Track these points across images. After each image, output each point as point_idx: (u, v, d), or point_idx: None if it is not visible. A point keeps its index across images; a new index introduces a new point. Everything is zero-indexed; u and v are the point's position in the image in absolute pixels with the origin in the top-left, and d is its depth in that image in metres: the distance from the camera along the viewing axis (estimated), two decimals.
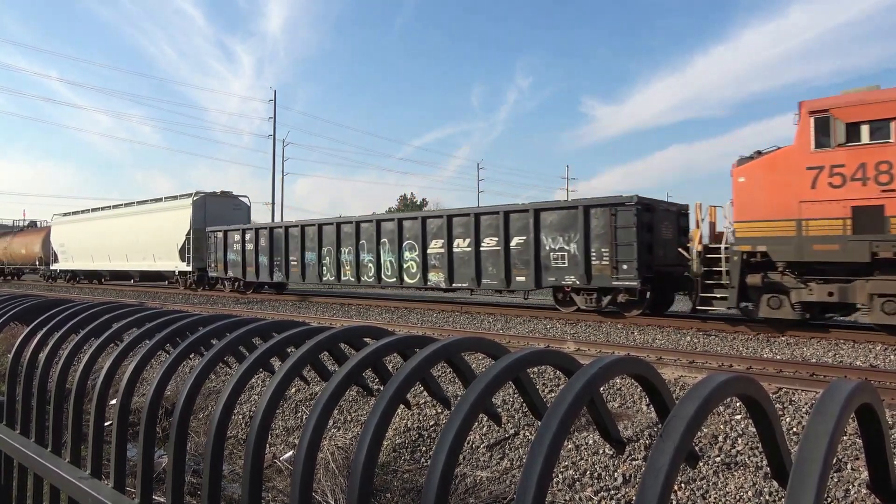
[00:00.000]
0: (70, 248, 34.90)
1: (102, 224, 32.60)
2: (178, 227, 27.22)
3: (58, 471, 1.73)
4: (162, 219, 28.55)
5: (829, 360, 9.11)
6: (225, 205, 28.13)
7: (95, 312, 2.22)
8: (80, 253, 34.14)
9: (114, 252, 31.27)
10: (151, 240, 28.68)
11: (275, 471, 5.97)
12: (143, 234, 29.13)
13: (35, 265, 39.40)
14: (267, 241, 22.73)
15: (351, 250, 19.82)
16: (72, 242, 34.78)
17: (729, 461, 5.24)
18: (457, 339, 1.27)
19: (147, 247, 28.93)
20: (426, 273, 17.57)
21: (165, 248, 28.01)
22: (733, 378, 0.90)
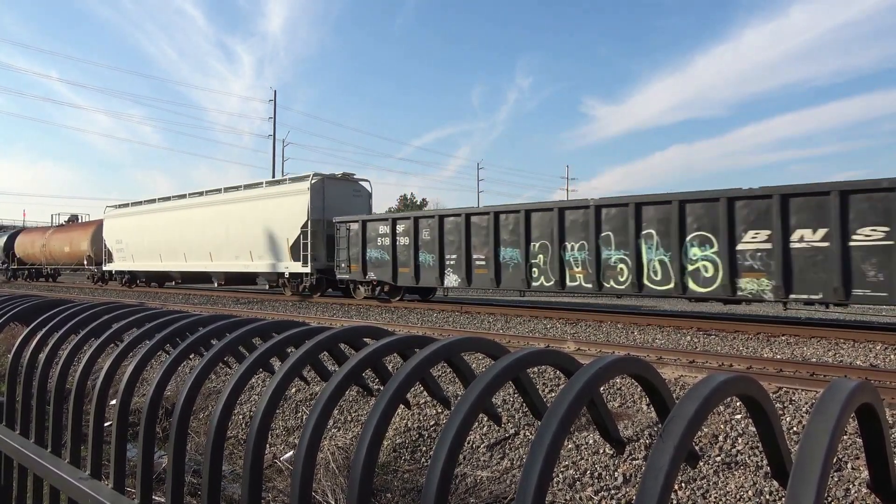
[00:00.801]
0: (130, 245, 29.53)
1: (177, 216, 26.90)
2: (292, 217, 21.29)
3: (57, 471, 1.73)
4: (268, 208, 22.49)
5: (829, 359, 9.11)
6: (344, 190, 22.09)
7: (95, 313, 2.22)
8: (143, 251, 28.75)
9: (193, 250, 25.82)
10: (250, 234, 22.84)
11: (275, 471, 5.97)
12: (239, 227, 23.39)
13: (83, 265, 34.05)
14: (434, 234, 17.12)
15: (584, 245, 14.17)
16: (132, 238, 29.35)
17: (729, 461, 5.24)
18: (457, 339, 1.27)
19: (243, 243, 23.19)
20: (735, 278, 11.92)
21: (271, 244, 22.25)
22: (733, 378, 0.90)
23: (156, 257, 27.97)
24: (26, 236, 40.41)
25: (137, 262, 29.30)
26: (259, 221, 22.68)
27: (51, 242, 36.78)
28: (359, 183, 22.92)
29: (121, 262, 30.43)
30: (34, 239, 38.75)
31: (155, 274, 29.62)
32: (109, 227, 31.37)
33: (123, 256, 30.18)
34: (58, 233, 37.31)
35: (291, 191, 21.83)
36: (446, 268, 17.00)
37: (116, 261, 30.74)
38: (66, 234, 36.09)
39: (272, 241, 22.19)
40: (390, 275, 18.26)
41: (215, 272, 25.29)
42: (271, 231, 22.18)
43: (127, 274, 30.54)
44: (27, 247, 39.23)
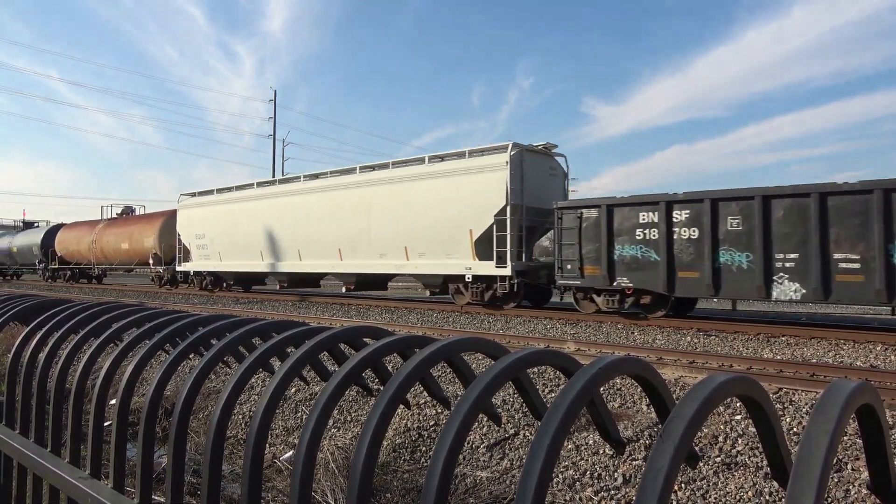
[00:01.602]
0: (216, 240, 24.15)
1: (289, 204, 21.35)
2: (480, 201, 15.92)
3: (57, 471, 1.72)
4: (439, 189, 16.93)
5: (829, 360, 9.11)
6: (542, 167, 16.74)
7: (95, 312, 2.22)
8: (236, 247, 23.34)
9: (312, 245, 20.37)
10: (408, 225, 17.50)
11: (275, 471, 5.97)
12: (388, 216, 18.11)
13: (146, 264, 28.76)
14: (752, 223, 11.97)
15: None
16: (220, 231, 24.02)
17: (729, 461, 5.24)
18: (457, 339, 1.27)
19: (394, 236, 17.88)
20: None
21: (442, 237, 16.72)
22: (733, 378, 0.90)
23: (253, 255, 22.52)
24: (70, 232, 35.23)
25: (226, 261, 23.86)
26: (423, 208, 17.13)
27: (103, 238, 31.41)
28: (555, 159, 17.26)
29: (202, 262, 24.94)
30: (80, 235, 33.73)
31: (249, 275, 24.25)
32: (187, 219, 25.70)
33: (206, 254, 24.72)
34: (112, 227, 31.65)
35: (480, 166, 16.23)
36: (776, 273, 11.74)
37: (196, 259, 25.24)
38: (123, 229, 30.55)
39: (445, 234, 16.62)
40: (660, 281, 13.11)
41: (344, 273, 19.76)
42: (444, 220, 16.62)
43: (209, 275, 25.12)
44: (71, 244, 34.30)
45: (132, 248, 29.42)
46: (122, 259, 30.64)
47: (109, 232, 31.52)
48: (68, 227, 36.14)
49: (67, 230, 35.66)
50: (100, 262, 32.56)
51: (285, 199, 21.70)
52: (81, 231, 34.24)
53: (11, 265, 42.60)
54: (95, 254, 32.10)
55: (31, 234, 39.84)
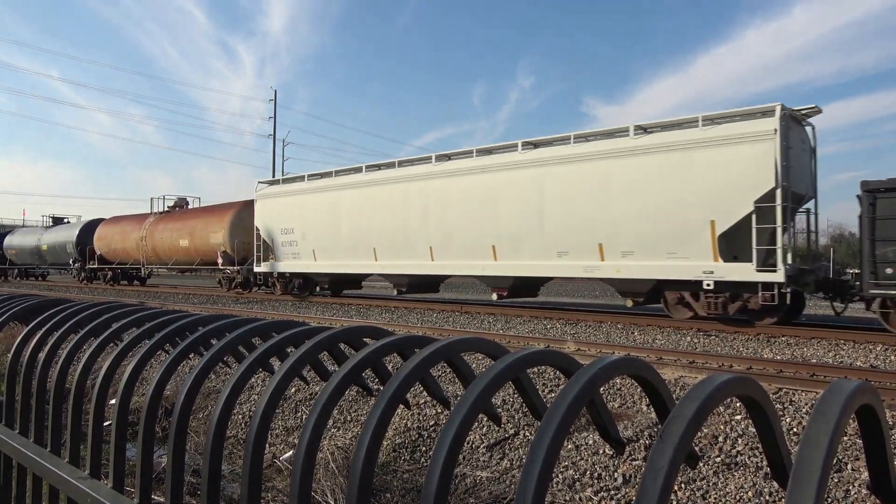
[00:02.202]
0: (312, 236, 20.14)
1: (416, 190, 17.16)
2: (729, 182, 12.09)
3: (57, 471, 1.72)
4: (648, 167, 13.10)
5: (829, 360, 9.11)
6: (797, 139, 12.64)
7: (95, 312, 2.22)
8: (339, 244, 19.24)
9: (453, 241, 16.28)
10: (605, 214, 13.65)
11: (274, 470, 5.97)
12: (570, 202, 14.15)
13: (213, 263, 24.53)
14: None
15: None
16: (316, 224, 19.97)
17: (729, 461, 5.24)
18: (457, 339, 1.27)
19: (581, 229, 14.01)
20: None
21: (662, 230, 12.93)
22: (733, 378, 0.90)
23: (362, 253, 18.55)
24: (113, 227, 31.17)
25: (324, 261, 19.88)
26: (627, 193, 13.27)
27: (155, 234, 27.31)
28: (805, 130, 13.19)
29: (289, 261, 21.02)
30: (126, 231, 29.76)
31: (353, 278, 20.81)
32: (269, 211, 21.68)
33: (295, 252, 20.76)
34: (167, 221, 27.36)
35: (726, 136, 12.20)
36: None
37: (281, 258, 21.29)
38: (181, 223, 26.30)
39: (665, 227, 12.83)
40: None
41: (496, 276, 15.64)
42: (665, 208, 12.77)
43: (297, 278, 21.19)
44: (114, 241, 30.42)
45: (194, 245, 25.11)
46: (179, 258, 26.35)
47: (163, 227, 27.08)
48: (110, 223, 32.09)
49: (109, 225, 31.68)
50: (150, 262, 28.55)
51: (411, 185, 17.38)
52: (127, 226, 30.01)
53: (40, 265, 39.26)
54: (145, 252, 27.98)
55: (63, 231, 35.76)
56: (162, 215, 28.82)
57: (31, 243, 38.03)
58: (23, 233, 40.97)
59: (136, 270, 30.53)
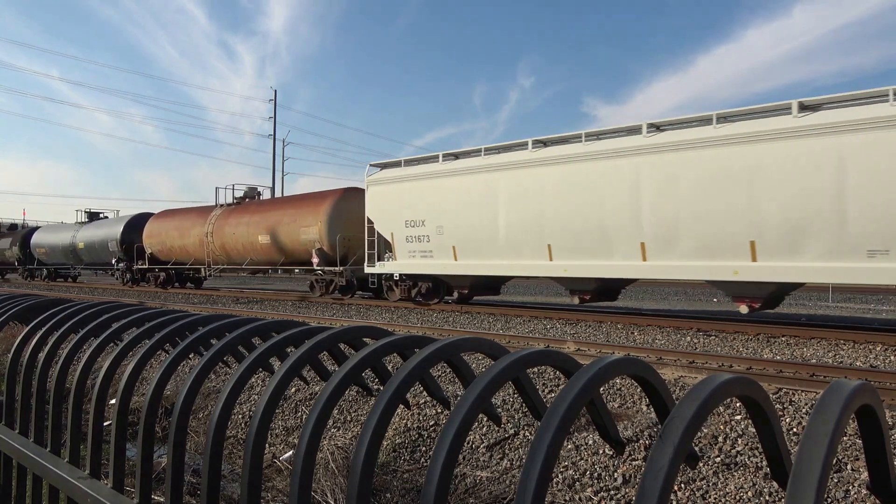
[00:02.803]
0: (451, 228, 16.13)
1: (631, 168, 12.99)
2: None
3: (57, 471, 1.72)
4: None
5: (829, 360, 9.11)
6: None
7: (95, 312, 2.22)
8: (494, 238, 15.30)
9: (680, 236, 12.37)
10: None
11: (274, 470, 5.97)
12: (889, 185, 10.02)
13: (307, 263, 20.47)
14: None
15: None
16: (458, 214, 16.00)
17: (729, 461, 5.24)
18: (456, 340, 1.27)
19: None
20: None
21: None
22: (733, 379, 0.90)
23: (531, 251, 14.57)
24: (167, 222, 26.88)
25: (467, 259, 15.87)
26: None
27: (225, 230, 23.23)
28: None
29: (416, 260, 16.96)
30: (186, 226, 25.58)
31: (499, 281, 16.92)
32: (387, 199, 17.68)
33: (426, 249, 16.71)
34: (239, 214, 23.10)
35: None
36: None
37: (406, 256, 17.18)
38: (260, 216, 22.09)
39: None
40: None
41: (754, 283, 11.67)
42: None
43: (425, 280, 17.21)
44: (170, 237, 26.27)
45: (278, 241, 21.06)
46: (257, 257, 22.39)
47: (235, 221, 22.95)
48: (164, 217, 27.98)
49: (163, 220, 27.63)
50: (218, 261, 24.21)
51: (609, 164, 13.30)
52: (187, 221, 25.77)
53: (75, 264, 34.91)
54: (211, 250, 23.91)
55: (104, 227, 31.56)
56: (232, 207, 24.23)
57: (64, 241, 33.83)
58: (54, 230, 36.86)
59: (192, 271, 26.31)
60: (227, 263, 24.29)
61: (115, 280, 31.74)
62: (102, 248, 30.80)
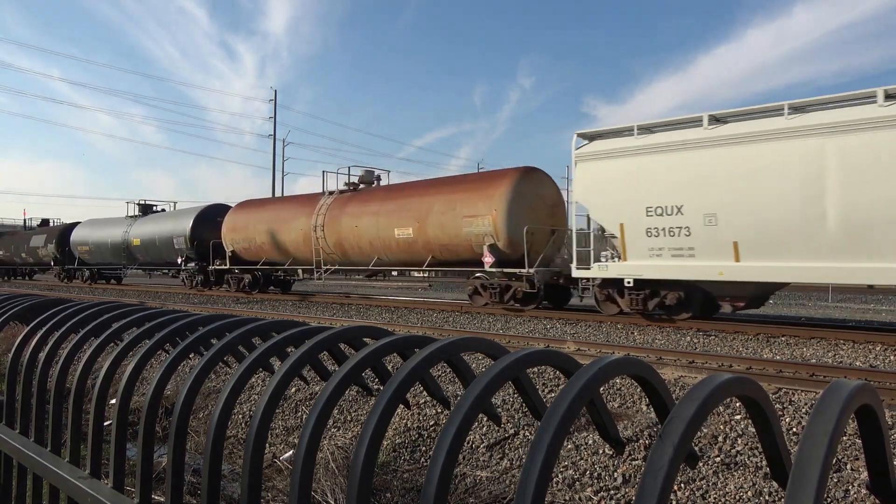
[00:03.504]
0: (731, 217, 11.76)
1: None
2: None
3: (57, 470, 1.73)
4: None
5: (829, 360, 9.11)
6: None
7: (95, 312, 2.22)
8: (818, 233, 10.79)
9: None
10: None
11: (274, 470, 5.97)
12: None
13: (470, 261, 16.31)
14: None
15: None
16: (748, 197, 11.48)
17: (728, 461, 5.24)
18: (456, 339, 1.27)
19: None
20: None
21: None
22: (733, 379, 0.90)
23: (880, 250, 10.40)
24: (255, 213, 22.40)
25: (757, 261, 11.66)
26: None
27: (344, 222, 18.69)
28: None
29: (664, 261, 12.72)
30: (284, 217, 21.05)
31: (772, 290, 13.24)
32: (610, 178, 13.32)
33: (681, 247, 12.47)
34: (360, 203, 18.76)
35: None
36: None
37: (643, 256, 12.94)
38: (395, 204, 17.71)
39: None
40: None
41: None
42: None
43: (677, 289, 12.75)
44: (259, 232, 21.69)
45: (427, 235, 16.72)
46: (392, 254, 17.85)
47: (357, 210, 18.54)
48: (250, 207, 23.22)
49: (248, 211, 22.87)
50: (330, 261, 19.55)
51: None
52: (285, 211, 21.24)
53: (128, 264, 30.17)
54: (322, 247, 19.29)
55: (167, 220, 27.03)
56: (348, 195, 19.60)
57: (114, 237, 29.27)
58: (100, 225, 31.68)
59: (286, 273, 22.22)
60: (341, 263, 19.42)
61: (182, 283, 26.86)
62: (166, 246, 26.10)
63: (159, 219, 28.06)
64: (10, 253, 39.51)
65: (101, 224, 31.78)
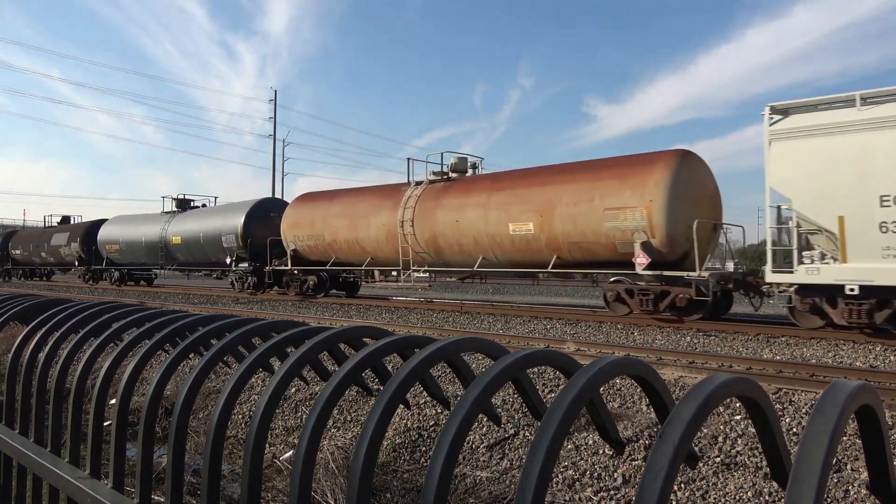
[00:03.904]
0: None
1: None
2: None
3: (57, 471, 1.72)
4: None
5: (829, 360, 9.11)
6: None
7: (95, 312, 2.22)
8: None
9: None
10: None
11: (274, 470, 5.97)
12: None
13: (616, 265, 13.79)
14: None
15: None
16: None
17: (728, 461, 5.24)
18: (456, 340, 1.27)
19: None
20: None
21: None
22: (733, 379, 0.90)
23: None
24: (320, 207, 19.68)
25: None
26: None
27: (440, 216, 16.11)
28: None
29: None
30: (362, 211, 18.29)
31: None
32: (835, 158, 10.65)
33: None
34: (460, 193, 16.04)
35: None
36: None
37: (861, 257, 10.50)
38: (508, 195, 15.03)
39: None
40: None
41: None
42: None
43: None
44: (330, 228, 18.90)
45: (553, 231, 14.18)
46: (500, 254, 15.12)
47: (457, 202, 15.74)
48: (311, 201, 20.29)
49: (312, 205, 19.97)
50: (421, 260, 17.00)
51: None
52: (363, 204, 18.38)
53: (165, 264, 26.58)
54: (411, 245, 16.56)
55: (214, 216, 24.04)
56: (442, 185, 16.74)
57: (149, 235, 26.66)
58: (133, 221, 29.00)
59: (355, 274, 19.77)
60: (434, 264, 16.72)
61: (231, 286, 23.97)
62: (212, 244, 23.41)
63: (204, 214, 25.04)
64: (28, 252, 36.72)
65: (133, 221, 28.97)
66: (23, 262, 38.23)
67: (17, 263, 38.72)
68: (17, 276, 38.98)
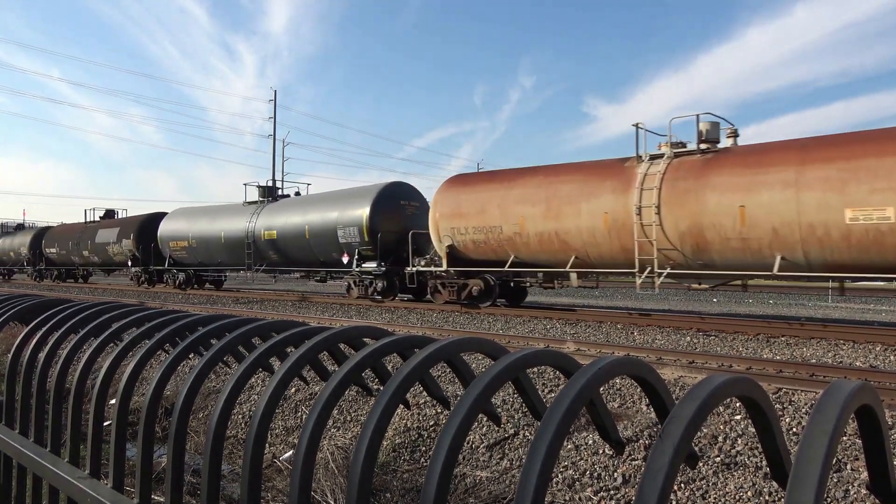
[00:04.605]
0: None
1: None
2: None
3: (57, 471, 1.72)
4: None
5: (828, 360, 9.10)
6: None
7: (95, 312, 2.22)
8: None
9: None
10: None
11: (274, 470, 5.97)
12: None
13: None
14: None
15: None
16: None
17: (728, 461, 5.24)
18: (456, 340, 1.27)
19: None
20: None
21: None
22: (733, 379, 0.90)
23: None
24: (490, 190, 15.45)
25: None
26: None
27: (708, 199, 11.76)
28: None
29: None
30: (564, 193, 13.91)
31: None
32: None
33: None
34: (742, 166, 11.53)
35: None
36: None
37: None
38: (833, 165, 10.39)
39: None
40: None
41: None
42: None
43: None
44: (510, 217, 14.81)
45: None
46: (821, 252, 10.94)
47: (738, 180, 11.53)
48: (476, 181, 16.23)
49: (479, 186, 15.89)
50: (666, 260, 12.67)
51: None
52: (565, 185, 14.04)
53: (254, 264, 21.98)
54: (652, 238, 12.49)
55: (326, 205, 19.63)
56: (703, 157, 12.37)
57: (231, 230, 22.26)
58: (204, 214, 24.46)
59: (537, 280, 15.32)
60: (687, 266, 12.52)
61: (347, 291, 19.41)
62: (322, 239, 19.07)
63: (307, 204, 20.39)
64: (65, 251, 31.85)
65: (206, 213, 24.35)
66: (59, 262, 33.29)
67: (52, 263, 33.90)
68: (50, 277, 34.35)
